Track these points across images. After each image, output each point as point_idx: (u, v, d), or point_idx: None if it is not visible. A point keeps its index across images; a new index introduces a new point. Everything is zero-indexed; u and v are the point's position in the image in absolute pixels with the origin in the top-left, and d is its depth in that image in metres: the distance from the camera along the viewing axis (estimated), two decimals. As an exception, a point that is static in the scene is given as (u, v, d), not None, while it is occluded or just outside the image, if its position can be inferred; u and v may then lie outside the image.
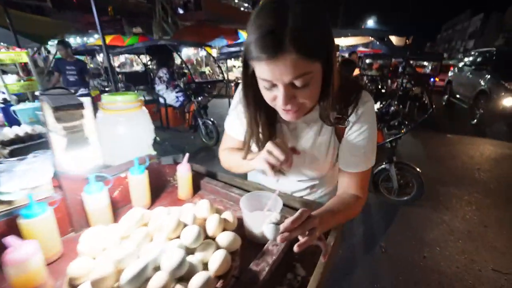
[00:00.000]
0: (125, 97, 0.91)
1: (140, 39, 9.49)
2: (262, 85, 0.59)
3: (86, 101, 0.73)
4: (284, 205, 0.88)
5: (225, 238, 0.63)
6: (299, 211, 0.54)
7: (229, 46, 6.08)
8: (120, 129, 0.91)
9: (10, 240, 0.52)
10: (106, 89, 5.58)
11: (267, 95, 0.60)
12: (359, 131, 0.72)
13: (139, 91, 5.24)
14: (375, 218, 2.45)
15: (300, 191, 0.91)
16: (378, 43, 2.71)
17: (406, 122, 2.32)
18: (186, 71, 5.69)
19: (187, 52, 12.54)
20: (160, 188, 1.00)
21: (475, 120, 5.58)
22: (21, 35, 4.34)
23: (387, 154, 2.36)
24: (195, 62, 12.17)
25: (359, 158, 0.73)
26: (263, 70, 0.54)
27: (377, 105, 4.11)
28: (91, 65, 8.86)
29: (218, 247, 0.62)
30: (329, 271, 0.63)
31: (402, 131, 2.29)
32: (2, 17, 3.53)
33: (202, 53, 11.93)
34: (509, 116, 4.91)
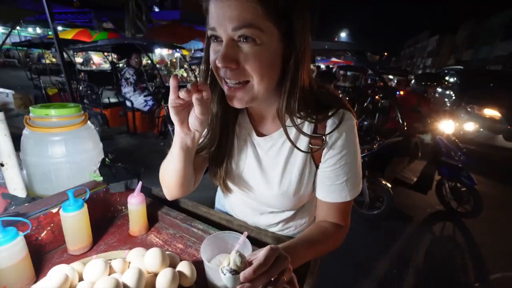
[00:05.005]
0: (62, 111, 0.73)
1: (110, 35, 8.93)
2: (211, 47, 0.52)
3: None
4: (255, 240, 0.77)
5: (178, 304, 0.49)
6: (264, 250, 0.43)
7: (202, 50, 5.90)
8: (54, 151, 0.73)
9: None
10: (65, 87, 5.08)
11: (213, 60, 0.51)
12: (339, 155, 0.60)
13: (104, 92, 4.85)
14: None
15: (273, 226, 0.80)
16: (352, 56, 2.74)
17: (378, 138, 2.35)
18: (156, 72, 5.39)
19: (161, 52, 12.07)
20: (107, 220, 0.83)
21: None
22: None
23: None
24: (169, 63, 11.74)
25: (340, 187, 0.63)
26: (211, 15, 0.49)
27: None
28: (53, 59, 8.08)
29: (168, 317, 0.48)
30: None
31: (375, 146, 2.31)
32: None
33: (177, 54, 11.56)
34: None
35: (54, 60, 7.86)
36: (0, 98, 1.23)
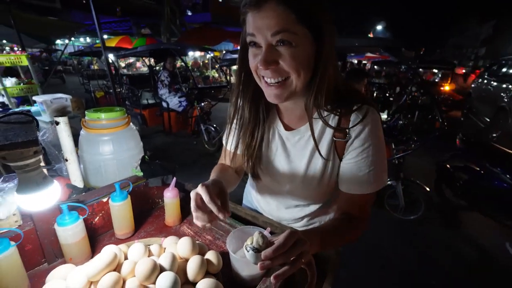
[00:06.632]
0: (110, 114, 0.84)
1: (147, 41, 9.54)
2: (250, 52, 0.58)
3: (62, 121, 0.67)
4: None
5: (206, 287, 0.55)
6: (285, 233, 0.47)
7: (232, 52, 6.04)
8: (104, 149, 0.84)
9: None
10: (110, 90, 5.58)
11: (252, 63, 0.58)
12: (362, 147, 0.63)
13: (143, 94, 5.23)
14: (377, 234, 2.33)
15: (298, 221, 0.83)
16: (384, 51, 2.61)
17: (415, 138, 2.20)
18: (189, 74, 5.65)
19: (194, 55, 12.57)
20: (146, 211, 0.94)
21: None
22: (27, 36, 4.37)
23: (393, 170, 2.26)
24: (201, 64, 12.18)
25: (362, 179, 0.64)
26: (249, 24, 0.54)
27: (384, 115, 4.00)
28: (96, 66, 8.92)
29: (197, 297, 0.54)
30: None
31: (411, 147, 2.18)
32: (6, 16, 3.55)
33: (209, 55, 11.96)
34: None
35: (97, 66, 8.75)
36: (61, 102, 1.45)
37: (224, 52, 9.77)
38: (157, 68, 6.18)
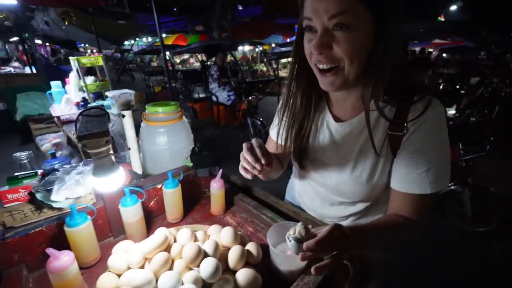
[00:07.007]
0: (166, 108, 0.92)
1: (200, 37, 10.03)
2: (305, 37, 0.57)
3: (127, 114, 0.76)
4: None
5: (245, 276, 0.57)
6: (329, 226, 0.46)
7: (281, 45, 5.95)
8: (160, 140, 0.93)
9: (49, 251, 0.56)
10: (167, 85, 6.10)
11: (307, 48, 0.56)
12: (420, 142, 0.57)
13: (195, 88, 5.59)
14: (433, 244, 2.06)
15: (342, 219, 0.79)
16: (459, 36, 2.25)
17: (492, 138, 1.85)
18: (238, 69, 5.80)
19: (243, 49, 12.81)
20: (194, 199, 1.01)
21: None
22: (103, 39, 5.04)
23: (459, 174, 1.96)
24: (250, 59, 12.35)
25: (419, 177, 0.58)
26: (306, 8, 0.53)
27: (452, 110, 3.49)
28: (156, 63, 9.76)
29: (236, 285, 0.57)
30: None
31: (485, 149, 1.84)
32: (88, 23, 4.14)
33: (258, 49, 12.04)
34: None
35: (156, 63, 9.67)
36: (126, 97, 1.66)
37: (273, 45, 9.72)
38: (209, 63, 6.50)
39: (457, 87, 4.75)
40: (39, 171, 0.81)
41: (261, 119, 3.96)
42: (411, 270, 1.84)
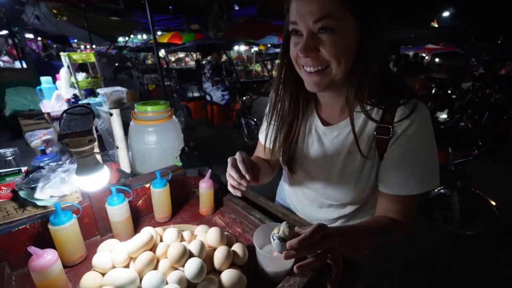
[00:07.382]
0: (155, 107, 0.92)
1: (196, 36, 9.98)
2: (292, 40, 0.58)
3: (115, 113, 0.75)
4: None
5: (230, 277, 0.58)
6: (312, 227, 0.46)
7: (275, 46, 5.97)
8: (149, 139, 0.92)
9: (31, 249, 0.55)
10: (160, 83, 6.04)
11: (293, 52, 0.57)
12: (407, 144, 0.58)
13: (190, 87, 5.55)
14: (422, 246, 2.10)
15: (331, 222, 0.80)
16: (449, 43, 2.29)
17: (481, 143, 1.87)
18: (232, 69, 5.79)
19: (239, 49, 12.79)
20: (183, 199, 1.00)
21: None
22: (95, 35, 4.96)
23: (448, 178, 1.99)
24: (245, 58, 12.34)
25: (405, 179, 0.59)
26: (292, 12, 0.54)
27: (444, 115, 3.55)
28: (151, 61, 9.66)
29: (221, 286, 0.57)
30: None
31: (474, 153, 1.87)
32: (81, 19, 4.07)
33: (254, 49, 12.03)
34: None
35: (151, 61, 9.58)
36: (118, 95, 1.64)
37: (269, 46, 9.73)
38: (204, 62, 6.47)
39: (449, 91, 4.84)
40: (23, 169, 0.80)
41: (255, 120, 3.97)
42: (399, 271, 1.87)
